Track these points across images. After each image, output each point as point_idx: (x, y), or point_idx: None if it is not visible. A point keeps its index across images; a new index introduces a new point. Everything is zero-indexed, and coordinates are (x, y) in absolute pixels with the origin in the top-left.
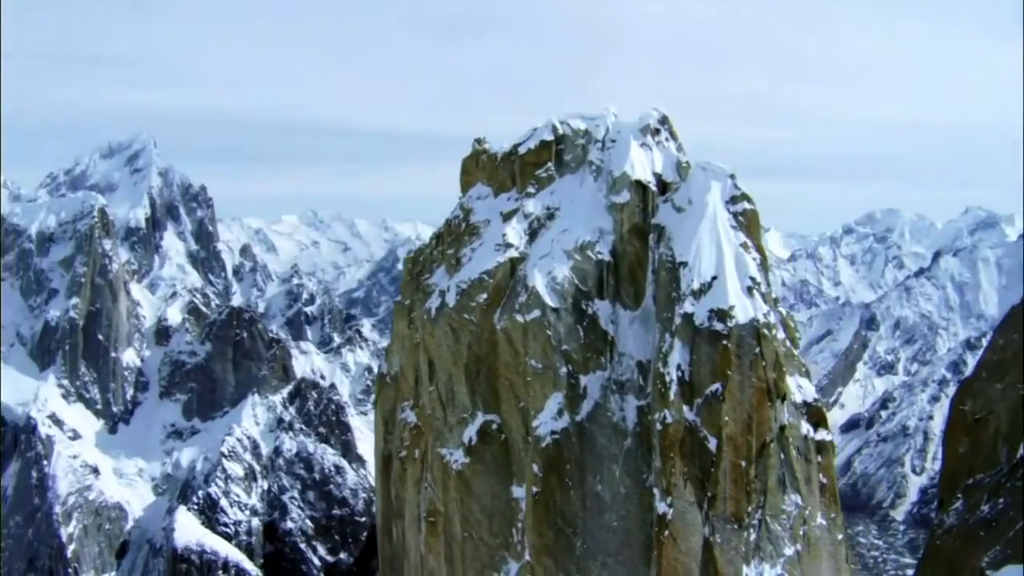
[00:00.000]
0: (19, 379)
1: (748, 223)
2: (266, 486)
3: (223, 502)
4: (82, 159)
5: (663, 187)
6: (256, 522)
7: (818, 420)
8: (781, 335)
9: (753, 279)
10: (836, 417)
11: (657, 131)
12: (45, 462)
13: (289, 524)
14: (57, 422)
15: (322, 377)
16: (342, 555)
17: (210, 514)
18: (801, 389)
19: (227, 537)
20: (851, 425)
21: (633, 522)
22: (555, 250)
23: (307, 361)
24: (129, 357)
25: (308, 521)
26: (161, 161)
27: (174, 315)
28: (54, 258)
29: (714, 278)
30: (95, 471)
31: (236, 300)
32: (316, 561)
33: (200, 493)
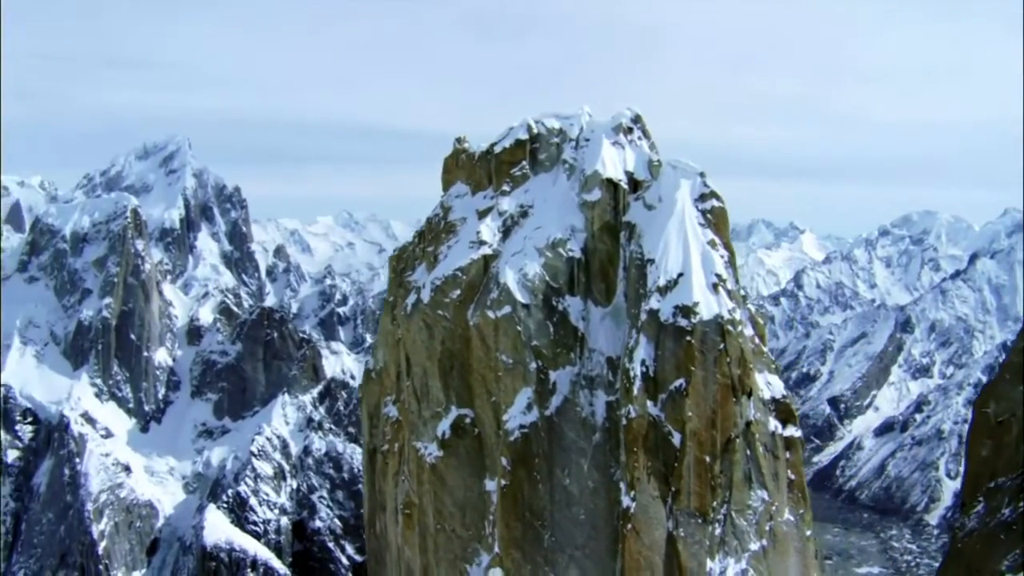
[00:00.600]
0: (53, 378)
1: (716, 221)
2: (295, 485)
3: (252, 501)
4: (118, 160)
5: (635, 185)
6: (285, 521)
7: (787, 416)
8: (749, 332)
9: (719, 276)
10: (870, 420)
11: (630, 130)
12: (77, 460)
13: (318, 523)
14: (90, 420)
15: (352, 377)
16: None
17: (239, 513)
18: (770, 386)
19: (256, 536)
20: (885, 428)
21: (600, 516)
22: (527, 247)
23: (337, 361)
24: (161, 356)
25: (336, 520)
26: (196, 162)
27: (206, 315)
28: (87, 258)
29: (680, 275)
30: (127, 469)
31: (269, 300)
32: (344, 560)
33: (230, 492)
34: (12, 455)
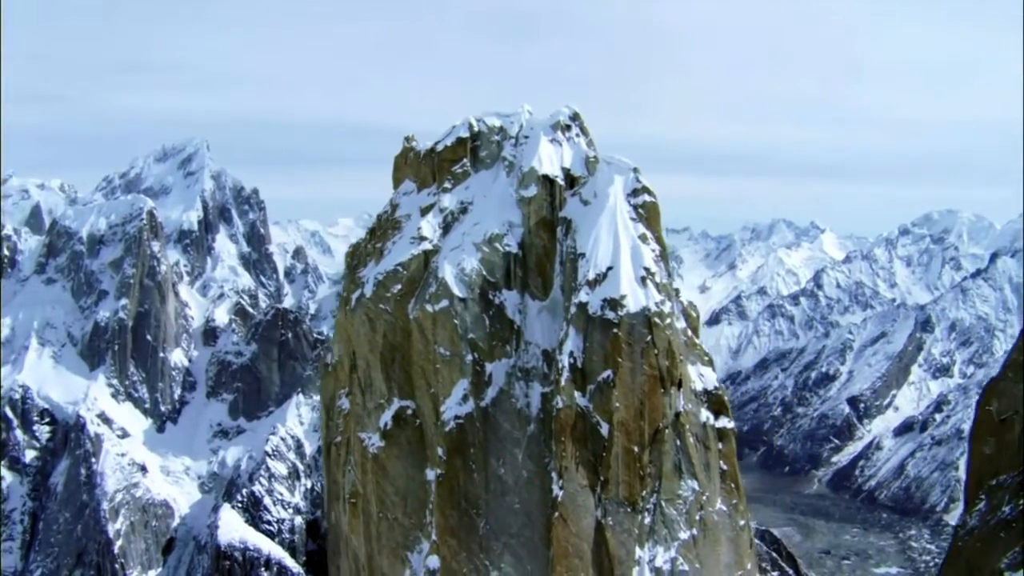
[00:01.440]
0: (70, 378)
1: (648, 215)
2: (309, 485)
3: (267, 500)
4: (137, 163)
5: (572, 181)
6: (299, 520)
7: (719, 408)
8: (681, 325)
9: (647, 269)
10: (889, 420)
11: (568, 127)
12: (93, 460)
13: None
14: (106, 421)
15: None
16: None
17: (254, 512)
18: (702, 377)
19: (270, 535)
20: (905, 428)
21: (534, 504)
22: (466, 243)
23: None
24: (177, 357)
25: None
26: (214, 164)
27: (221, 316)
28: (104, 260)
29: (609, 268)
30: (143, 469)
31: (287, 302)
32: None
33: (244, 491)
34: (30, 455)
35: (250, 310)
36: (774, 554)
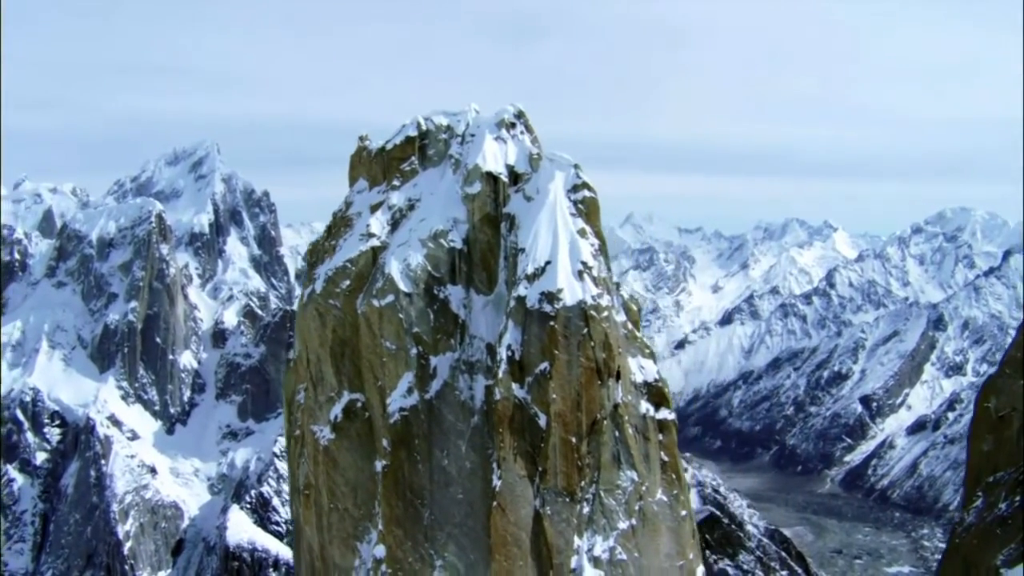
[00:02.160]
0: (80, 381)
1: (588, 210)
2: None
3: (275, 501)
4: (148, 166)
5: (515, 178)
6: None
7: (659, 400)
8: (621, 318)
9: (585, 263)
10: (902, 419)
11: (513, 125)
12: (103, 461)
13: None
14: (116, 423)
15: None
16: None
17: (262, 513)
18: (643, 370)
19: (278, 536)
20: (918, 427)
21: (477, 495)
22: (412, 239)
23: None
24: (186, 359)
25: None
26: (225, 167)
27: (230, 318)
28: (113, 263)
29: (548, 263)
30: (152, 470)
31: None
32: None
33: (253, 492)
34: (40, 457)
35: (259, 312)
36: (783, 553)
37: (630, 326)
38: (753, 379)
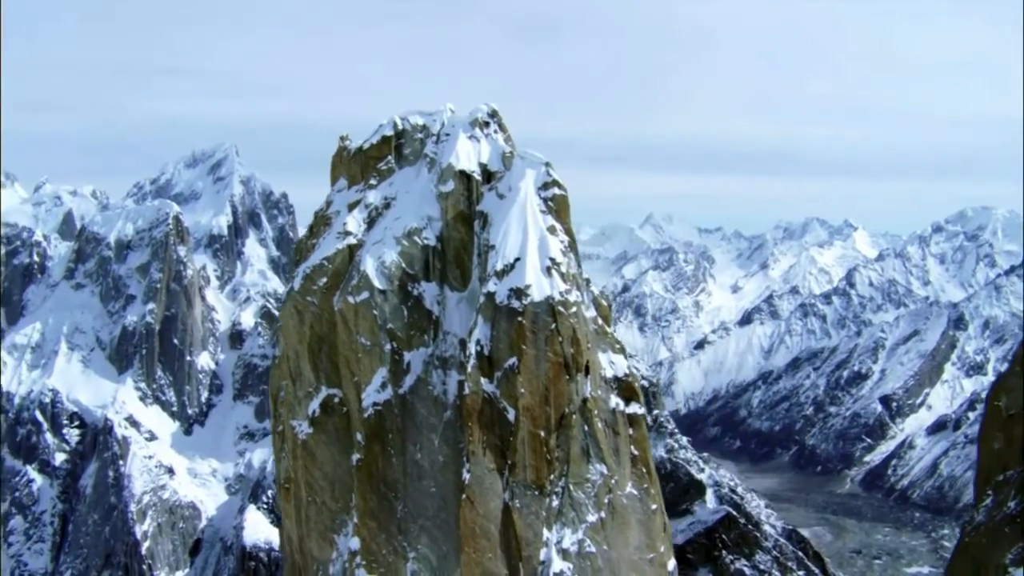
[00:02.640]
0: (98, 382)
1: (557, 207)
2: None
3: None
4: (167, 168)
5: (489, 176)
6: None
7: (629, 395)
8: (591, 313)
9: (553, 260)
10: (922, 418)
11: (486, 124)
12: (121, 462)
13: None
14: (134, 424)
15: None
16: None
17: (279, 513)
18: (613, 365)
19: None
20: (938, 427)
21: (449, 488)
22: (387, 237)
23: None
24: (204, 360)
25: None
26: (243, 169)
27: (247, 319)
28: (131, 265)
29: (517, 259)
30: (170, 471)
31: None
32: None
33: (270, 493)
34: (59, 458)
35: (276, 313)
36: (800, 553)
37: (600, 321)
38: (773, 379)
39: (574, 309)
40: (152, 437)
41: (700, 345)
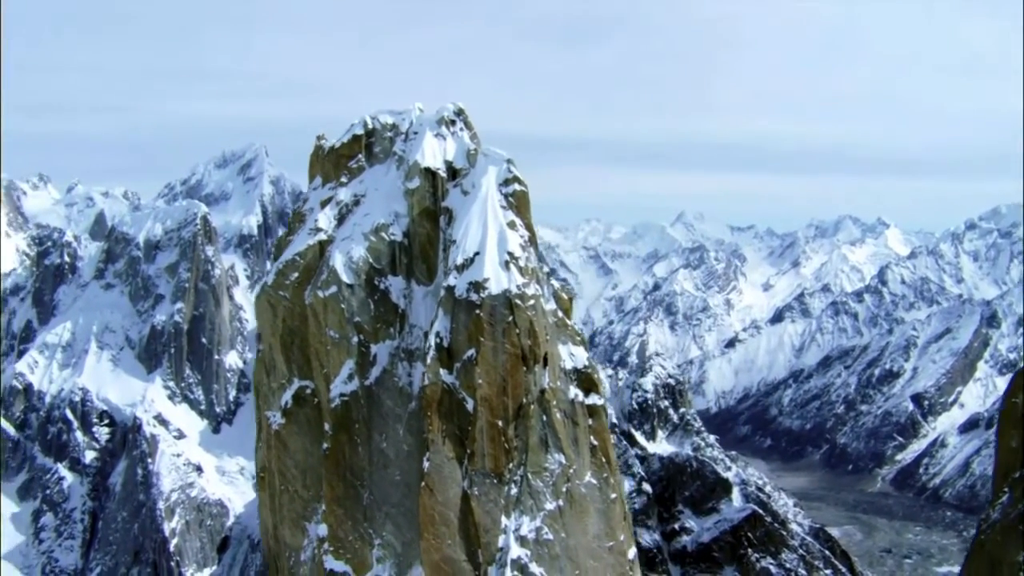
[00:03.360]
0: (127, 381)
1: (518, 203)
2: None
3: None
4: (197, 169)
5: (454, 173)
6: None
7: (588, 386)
8: (551, 306)
9: (511, 254)
10: (955, 417)
11: (452, 122)
12: (150, 460)
13: None
14: (163, 422)
15: None
16: None
17: None
18: (573, 356)
19: None
20: (970, 425)
21: (414, 476)
22: (355, 233)
23: None
24: (232, 359)
25: None
26: (273, 169)
27: None
28: (160, 264)
29: (476, 254)
30: (198, 469)
31: None
32: None
33: None
34: (89, 456)
35: None
36: (827, 552)
37: (560, 314)
38: (804, 377)
39: (532, 302)
40: (180, 435)
41: (731, 343)
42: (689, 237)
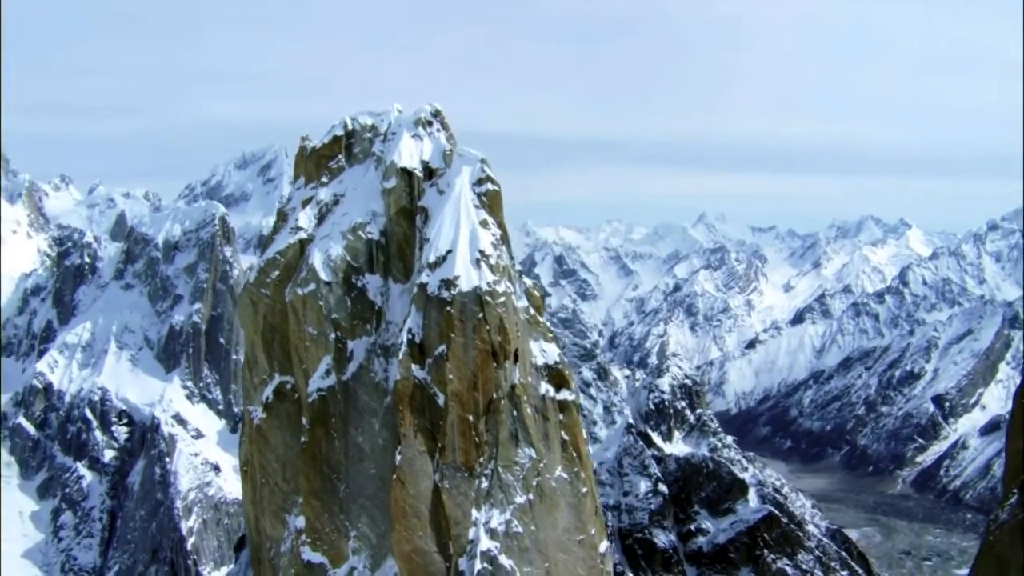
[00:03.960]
0: (146, 381)
1: (491, 202)
2: None
3: None
4: (217, 170)
5: (431, 173)
6: None
7: (560, 382)
8: (522, 303)
9: (483, 252)
10: (976, 419)
11: (430, 123)
12: (168, 459)
13: None
14: (181, 421)
15: None
16: None
17: None
18: (544, 353)
19: None
20: (991, 427)
21: (388, 470)
22: (334, 232)
23: None
24: None
25: None
26: (292, 170)
27: None
28: (179, 265)
29: (449, 251)
30: (216, 468)
31: None
32: None
33: None
34: (108, 455)
35: None
36: (844, 553)
37: (532, 311)
38: (824, 379)
39: (502, 299)
40: (198, 435)
41: (751, 344)
42: (710, 238)
